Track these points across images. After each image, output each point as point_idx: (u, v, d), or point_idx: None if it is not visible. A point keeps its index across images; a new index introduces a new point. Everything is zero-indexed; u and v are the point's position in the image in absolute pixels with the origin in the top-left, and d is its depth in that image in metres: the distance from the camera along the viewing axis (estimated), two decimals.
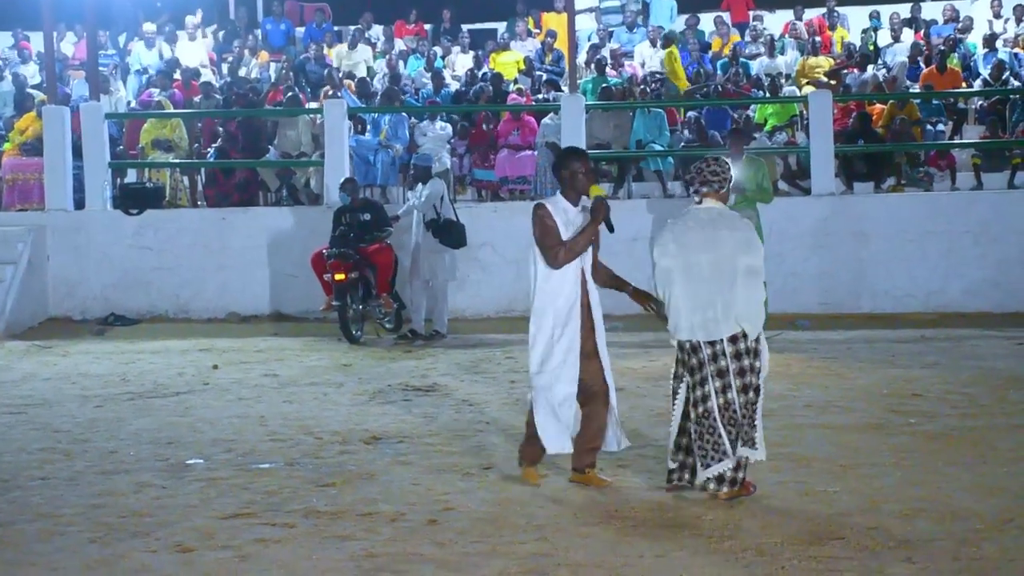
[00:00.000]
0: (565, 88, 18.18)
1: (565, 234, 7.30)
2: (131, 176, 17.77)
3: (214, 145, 17.70)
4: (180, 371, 12.41)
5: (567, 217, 7.36)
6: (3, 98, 19.51)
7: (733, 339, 7.04)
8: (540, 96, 19.11)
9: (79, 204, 16.80)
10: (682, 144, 17.45)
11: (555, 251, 7.22)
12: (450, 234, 14.25)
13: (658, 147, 17.03)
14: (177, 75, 20.25)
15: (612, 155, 17.27)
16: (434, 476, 7.77)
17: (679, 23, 22.13)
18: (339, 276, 13.83)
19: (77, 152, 16.83)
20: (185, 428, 9.55)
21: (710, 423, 7.04)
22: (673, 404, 7.28)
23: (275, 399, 10.77)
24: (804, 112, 17.53)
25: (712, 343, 7.05)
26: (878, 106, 17.85)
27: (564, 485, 7.52)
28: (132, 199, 16.68)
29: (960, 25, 21.04)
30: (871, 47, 20.85)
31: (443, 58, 21.69)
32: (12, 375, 12.46)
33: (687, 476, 7.25)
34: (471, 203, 17.08)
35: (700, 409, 7.07)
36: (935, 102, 17.96)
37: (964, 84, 18.92)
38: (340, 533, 6.62)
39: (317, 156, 16.99)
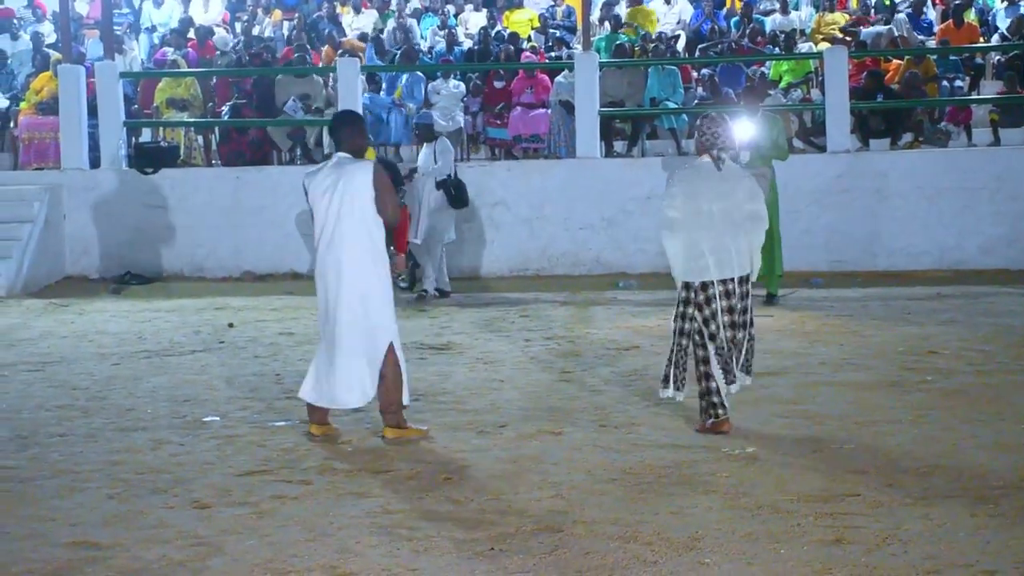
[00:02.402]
0: (578, 45, 18.08)
1: None
2: (146, 135, 17.77)
3: (228, 104, 17.67)
4: (196, 329, 12.45)
5: None
6: (20, 57, 19.46)
7: (742, 280, 7.60)
8: (553, 54, 19.00)
9: (95, 163, 16.82)
10: (696, 101, 17.37)
11: (396, 207, 7.67)
12: (462, 193, 14.26)
13: (672, 104, 16.95)
14: (191, 34, 20.19)
15: (626, 112, 17.19)
16: (449, 434, 7.79)
17: None
18: None
19: (92, 111, 16.83)
20: (201, 386, 9.60)
21: (724, 355, 7.56)
22: (678, 342, 7.73)
23: (291, 357, 10.80)
24: (819, 69, 17.41)
25: (724, 282, 7.55)
26: (894, 62, 17.70)
27: (579, 443, 7.54)
28: (147, 158, 16.69)
29: None
30: (887, 2, 20.65)
31: (456, 16, 21.57)
32: (30, 333, 12.51)
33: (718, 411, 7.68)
34: (485, 162, 17.03)
35: (716, 343, 7.54)
36: (952, 57, 17.81)
37: (982, 39, 18.75)
38: (356, 490, 6.64)
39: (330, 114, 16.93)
